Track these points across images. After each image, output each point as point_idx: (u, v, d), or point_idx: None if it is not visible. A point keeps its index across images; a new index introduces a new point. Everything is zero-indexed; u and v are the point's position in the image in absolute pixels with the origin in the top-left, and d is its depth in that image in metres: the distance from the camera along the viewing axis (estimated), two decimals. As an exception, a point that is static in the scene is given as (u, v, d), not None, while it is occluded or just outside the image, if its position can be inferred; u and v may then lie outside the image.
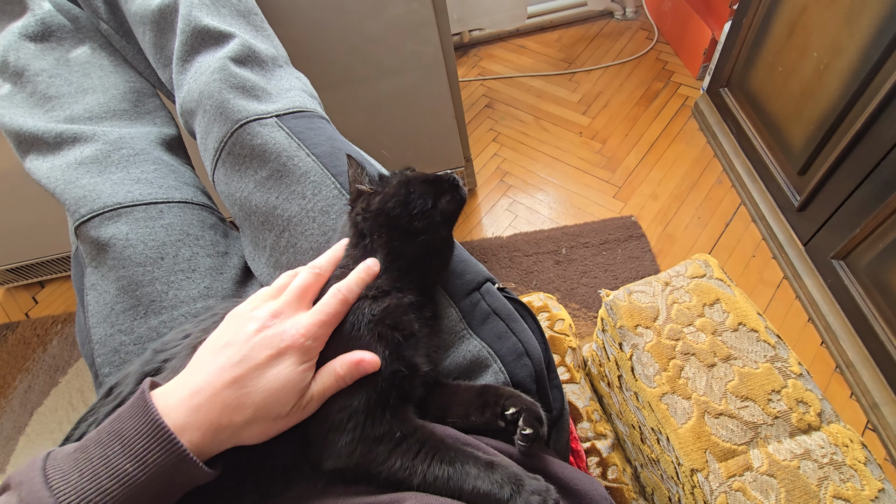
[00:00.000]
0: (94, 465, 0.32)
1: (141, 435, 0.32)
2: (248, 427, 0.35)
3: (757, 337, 0.48)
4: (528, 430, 0.42)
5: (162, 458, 0.32)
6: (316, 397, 0.38)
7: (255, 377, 0.36)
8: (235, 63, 0.63)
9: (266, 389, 0.35)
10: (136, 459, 0.32)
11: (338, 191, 0.57)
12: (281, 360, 0.37)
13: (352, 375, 0.39)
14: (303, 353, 0.38)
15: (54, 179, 0.61)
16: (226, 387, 0.35)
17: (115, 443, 0.32)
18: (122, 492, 0.31)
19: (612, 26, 1.88)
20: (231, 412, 0.34)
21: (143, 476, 0.31)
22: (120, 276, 0.58)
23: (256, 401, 0.35)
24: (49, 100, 0.68)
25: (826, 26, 0.98)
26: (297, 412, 0.37)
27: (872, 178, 0.93)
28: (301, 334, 0.38)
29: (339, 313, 0.41)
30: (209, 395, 0.34)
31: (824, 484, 0.40)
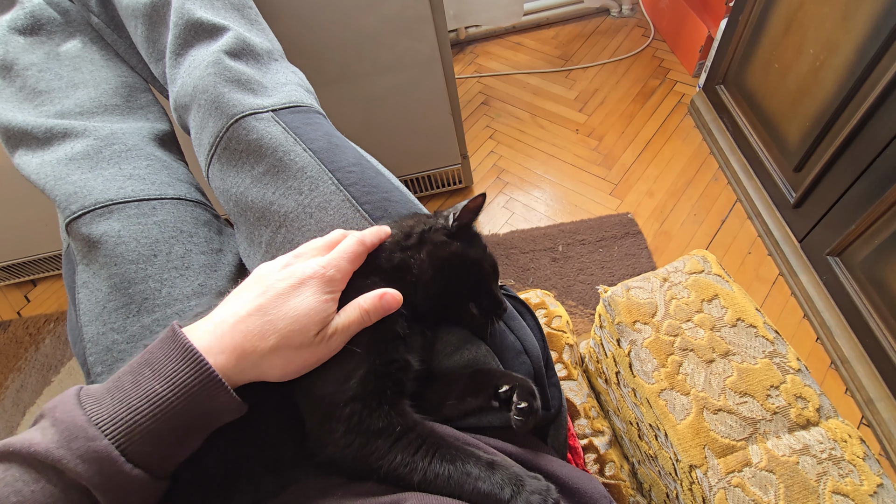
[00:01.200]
0: (125, 389, 0.32)
1: (170, 358, 0.33)
2: (271, 355, 0.36)
3: (755, 332, 0.48)
4: (522, 404, 0.43)
5: (191, 378, 0.32)
6: (340, 330, 0.38)
7: (277, 305, 0.36)
8: (230, 56, 0.62)
9: (289, 316, 0.36)
10: (167, 380, 0.32)
11: (335, 186, 0.56)
12: (303, 289, 0.37)
13: (376, 309, 0.40)
14: (324, 283, 0.39)
15: (44, 175, 0.60)
16: (249, 314, 0.36)
17: (146, 369, 0.33)
18: (152, 411, 0.31)
19: (608, 23, 1.88)
20: (255, 338, 0.35)
21: (172, 396, 0.32)
22: (112, 274, 0.57)
23: (279, 328, 0.36)
24: (39, 94, 0.66)
25: (822, 23, 0.98)
26: (322, 344, 0.37)
27: (868, 174, 0.93)
28: (322, 266, 0.39)
29: (358, 253, 0.42)
30: (233, 322, 0.35)
31: (823, 479, 0.40)
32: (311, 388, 0.39)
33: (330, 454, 0.39)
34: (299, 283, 0.38)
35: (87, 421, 0.31)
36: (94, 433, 0.30)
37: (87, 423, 0.30)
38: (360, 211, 0.55)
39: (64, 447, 0.30)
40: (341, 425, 0.38)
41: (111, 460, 0.30)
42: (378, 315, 0.40)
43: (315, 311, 0.37)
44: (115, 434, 0.31)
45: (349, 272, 0.41)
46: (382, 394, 0.39)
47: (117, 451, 0.30)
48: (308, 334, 0.37)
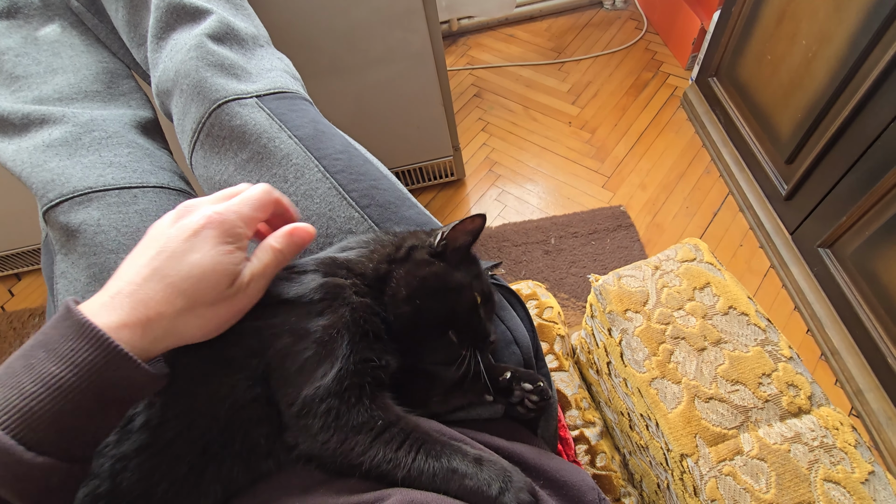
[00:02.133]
0: (16, 374, 0.29)
1: (65, 337, 0.30)
2: (183, 318, 0.33)
3: (747, 320, 0.48)
4: (528, 385, 0.41)
5: (90, 355, 0.30)
6: (256, 275, 0.36)
7: (174, 264, 0.33)
8: (213, 40, 0.61)
9: (191, 275, 0.33)
10: (64, 360, 0.29)
11: (321, 174, 0.55)
12: (199, 242, 0.34)
13: (289, 246, 0.37)
14: (222, 232, 0.35)
15: (20, 162, 0.58)
16: (146, 280, 0.33)
17: (39, 351, 0.30)
18: (49, 394, 0.29)
19: (601, 16, 1.87)
20: (158, 304, 0.32)
21: (72, 377, 0.29)
22: (91, 264, 0.55)
23: (184, 288, 0.33)
24: (16, 80, 0.64)
25: (815, 14, 0.97)
26: (240, 294, 0.35)
27: (859, 166, 0.93)
28: (218, 212, 0.35)
29: (264, 202, 0.38)
30: (129, 292, 0.32)
31: (815, 467, 0.39)
32: (287, 379, 0.38)
33: (308, 450, 0.37)
34: (192, 234, 0.34)
35: None
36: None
37: None
38: (347, 199, 0.54)
39: None
40: (318, 421, 0.37)
41: (6, 451, 0.28)
42: (293, 252, 0.38)
43: (218, 263, 0.34)
44: (7, 423, 0.28)
45: (253, 220, 0.37)
46: (361, 388, 0.38)
47: (13, 440, 0.28)
48: (218, 288, 0.34)
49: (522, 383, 0.43)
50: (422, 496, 0.36)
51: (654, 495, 0.61)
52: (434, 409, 0.46)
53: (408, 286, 0.41)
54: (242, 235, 0.36)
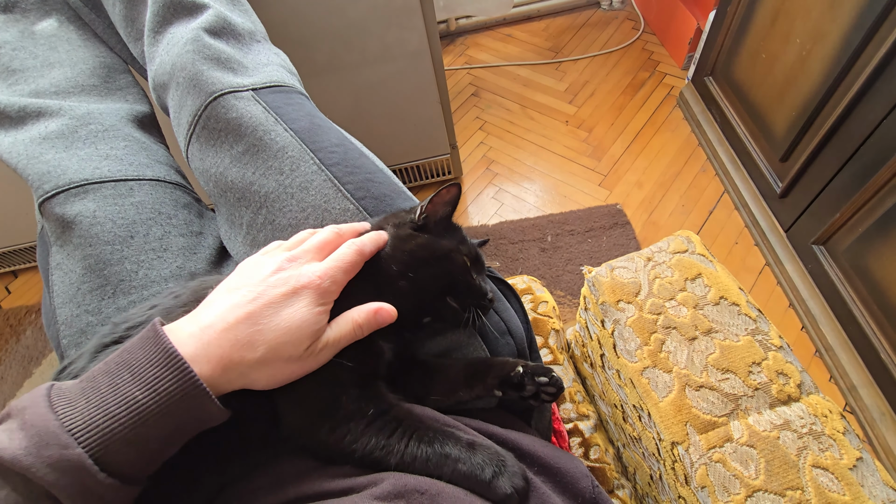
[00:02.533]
0: (101, 393, 0.30)
1: (152, 363, 0.31)
2: (259, 367, 0.34)
3: (738, 311, 0.48)
4: (544, 378, 0.42)
5: (174, 387, 0.31)
6: (331, 344, 0.37)
7: (268, 314, 0.34)
8: (209, 34, 0.61)
9: (280, 328, 0.34)
10: (147, 387, 0.30)
11: (316, 167, 0.55)
12: (296, 300, 0.36)
13: (369, 324, 0.38)
14: (319, 295, 0.37)
15: (16, 154, 0.59)
16: (238, 322, 0.34)
17: (125, 371, 0.31)
18: (131, 419, 0.29)
19: (598, 16, 1.88)
20: (242, 348, 0.33)
21: (153, 405, 0.30)
22: (86, 255, 0.56)
23: (269, 339, 0.34)
24: (12, 73, 0.65)
25: (809, 12, 0.98)
26: (311, 357, 0.36)
27: (852, 163, 0.94)
28: (318, 276, 0.37)
29: (355, 263, 0.40)
30: (220, 329, 0.33)
31: (803, 454, 0.40)
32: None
33: (301, 439, 0.38)
34: (293, 292, 0.36)
35: (59, 427, 0.29)
36: (67, 441, 0.28)
37: (60, 430, 0.29)
38: (343, 191, 0.54)
39: (33, 454, 0.28)
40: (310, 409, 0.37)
41: (84, 469, 0.28)
42: (370, 329, 0.39)
43: (308, 323, 0.35)
44: (89, 442, 0.29)
45: (343, 283, 0.39)
46: (354, 377, 0.38)
47: (91, 459, 0.28)
48: (299, 348, 0.35)
49: (537, 377, 0.43)
50: (415, 480, 0.36)
51: (647, 487, 0.61)
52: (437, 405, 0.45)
53: (398, 261, 0.42)
54: (333, 298, 0.38)
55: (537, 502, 0.40)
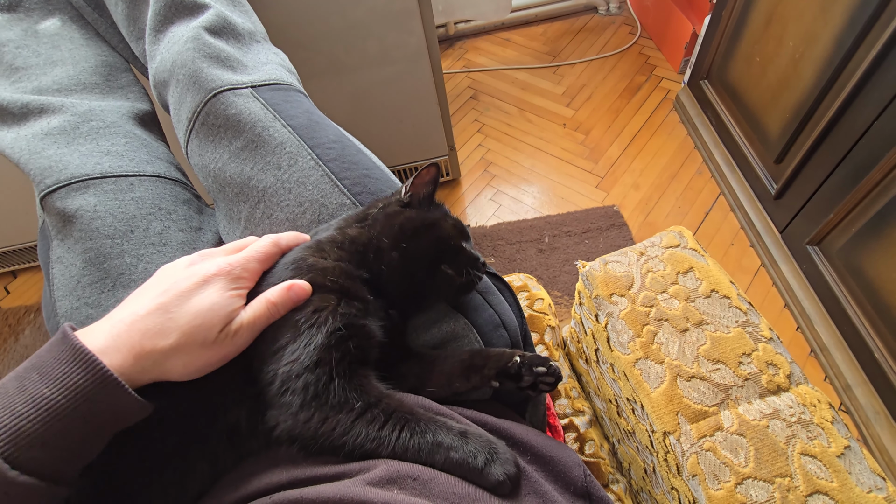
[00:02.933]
0: (9, 394, 0.30)
1: (59, 360, 0.31)
2: (173, 354, 0.34)
3: (729, 303, 0.49)
4: (542, 368, 0.42)
5: (82, 380, 0.30)
6: (246, 324, 0.37)
7: (179, 303, 0.35)
8: (210, 33, 0.62)
9: (190, 313, 0.35)
10: (55, 383, 0.30)
11: (314, 162, 0.56)
12: (207, 287, 0.36)
13: (284, 302, 0.38)
14: (230, 280, 0.37)
15: (18, 149, 0.60)
16: (149, 313, 0.34)
17: (33, 373, 0.31)
18: (39, 416, 0.29)
19: (595, 21, 1.90)
20: (154, 336, 0.33)
21: (63, 399, 0.30)
22: (87, 249, 0.56)
23: (181, 324, 0.34)
24: (15, 71, 0.66)
25: (801, 15, 0.99)
26: (227, 340, 0.36)
27: (845, 163, 0.95)
28: (228, 263, 0.38)
29: (270, 254, 0.41)
30: (130, 322, 0.34)
31: (792, 442, 0.40)
32: (268, 357, 0.38)
33: (289, 429, 0.37)
34: (203, 280, 0.36)
35: None
36: None
37: None
38: (340, 186, 0.55)
39: None
40: (297, 398, 0.37)
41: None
42: (287, 307, 0.39)
43: (218, 305, 0.36)
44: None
45: (258, 272, 0.40)
46: (340, 363, 0.38)
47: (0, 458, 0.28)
48: (212, 331, 0.35)
49: (535, 367, 0.43)
50: (407, 466, 0.37)
51: (641, 481, 0.62)
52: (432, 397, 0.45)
53: (389, 235, 0.44)
54: (247, 285, 0.39)
55: (529, 490, 0.40)
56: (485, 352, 0.47)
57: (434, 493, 0.36)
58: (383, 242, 0.43)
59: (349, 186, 0.55)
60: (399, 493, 0.35)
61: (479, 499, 0.36)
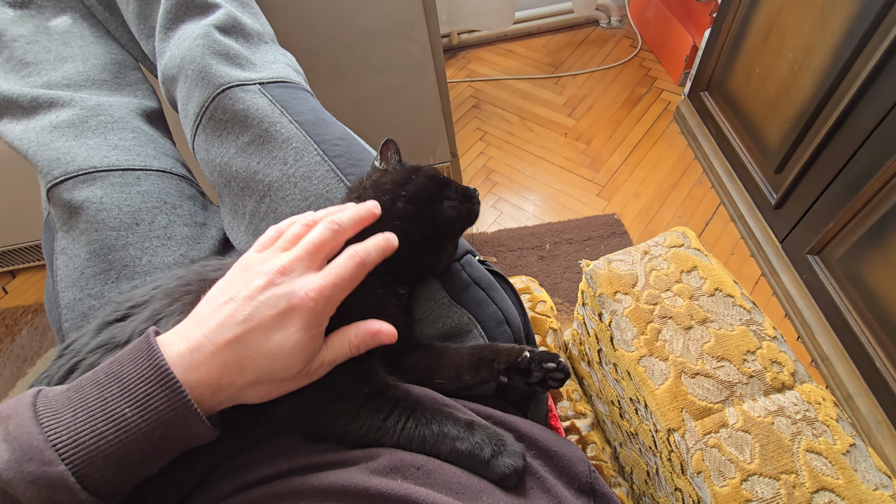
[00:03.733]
0: (89, 406, 0.29)
1: (143, 379, 0.30)
2: (250, 388, 0.33)
3: (733, 302, 0.49)
4: (552, 364, 0.42)
5: (164, 406, 0.30)
6: (326, 364, 0.36)
7: (258, 339, 0.33)
8: (220, 31, 0.63)
9: (269, 354, 0.33)
10: (137, 404, 0.29)
11: (320, 157, 0.56)
12: (287, 323, 0.33)
13: (366, 345, 0.37)
14: (312, 318, 0.34)
15: (27, 141, 0.60)
16: (227, 346, 0.32)
17: (114, 385, 0.30)
18: (118, 437, 0.29)
19: (597, 34, 1.92)
20: (232, 373, 0.32)
21: (142, 423, 0.29)
22: (92, 240, 0.56)
23: (259, 364, 0.33)
24: (26, 65, 0.66)
25: (800, 27, 1.01)
26: (305, 377, 0.35)
27: (845, 172, 0.96)
28: (311, 297, 0.34)
29: (355, 279, 0.37)
30: (209, 353, 0.32)
31: (797, 439, 0.40)
32: None
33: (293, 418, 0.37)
34: (283, 314, 0.33)
35: (44, 441, 0.28)
36: (51, 457, 0.27)
37: (45, 445, 0.28)
38: (345, 182, 0.55)
39: (14, 469, 0.27)
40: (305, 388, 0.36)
41: (66, 487, 0.27)
42: (366, 349, 0.38)
43: (299, 348, 0.33)
44: (73, 459, 0.28)
45: (340, 301, 0.36)
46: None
47: (74, 478, 0.28)
48: (290, 371, 0.34)
49: (545, 364, 0.43)
50: (411, 456, 0.36)
51: (643, 485, 0.61)
52: (440, 389, 0.45)
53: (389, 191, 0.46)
54: (326, 319, 0.36)
55: (535, 485, 0.40)
56: (494, 346, 0.47)
57: (438, 482, 0.35)
58: (385, 199, 0.45)
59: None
60: (403, 482, 0.35)
61: (484, 490, 0.36)
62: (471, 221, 0.49)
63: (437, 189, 0.48)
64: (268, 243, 0.39)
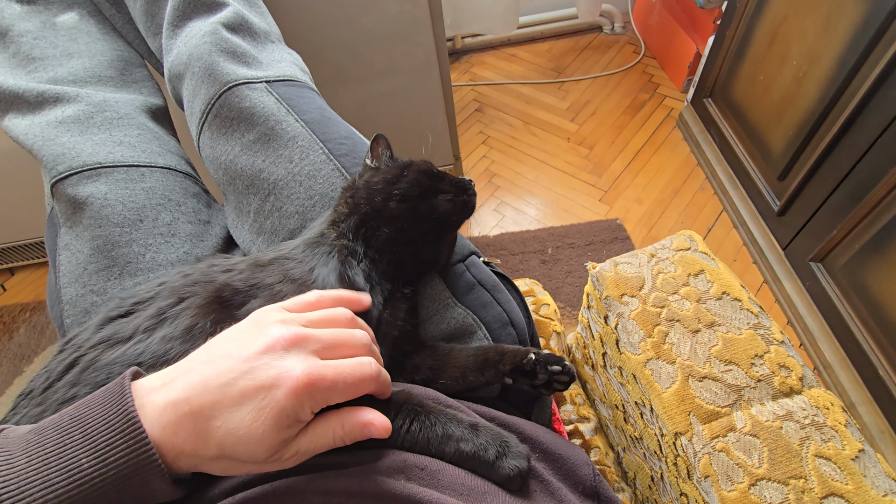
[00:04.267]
0: (46, 454, 0.27)
1: (108, 426, 0.28)
2: (213, 462, 0.30)
3: (740, 306, 0.49)
4: (557, 367, 0.42)
5: (124, 459, 0.27)
6: (302, 453, 0.31)
7: (229, 410, 0.29)
8: (227, 29, 0.63)
9: (235, 433, 0.29)
10: (96, 455, 0.27)
11: (326, 156, 0.56)
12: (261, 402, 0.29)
13: (352, 438, 0.32)
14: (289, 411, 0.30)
15: (32, 136, 0.60)
16: (202, 408, 0.29)
17: (76, 429, 0.28)
18: (68, 491, 0.26)
19: (600, 40, 1.93)
20: (196, 441, 0.29)
21: (98, 477, 0.27)
22: (95, 236, 0.56)
23: (219, 440, 0.29)
24: (32, 61, 0.66)
25: (805, 35, 1.01)
26: (275, 463, 0.31)
27: (848, 180, 0.96)
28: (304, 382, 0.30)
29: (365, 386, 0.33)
30: (184, 413, 0.29)
31: (806, 443, 0.40)
32: None
33: None
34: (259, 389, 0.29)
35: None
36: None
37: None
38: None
39: None
40: None
41: None
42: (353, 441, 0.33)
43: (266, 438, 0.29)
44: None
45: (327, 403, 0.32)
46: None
47: None
48: (256, 457, 0.30)
49: (550, 366, 0.43)
50: (415, 457, 0.36)
51: (647, 491, 0.61)
52: (444, 389, 0.45)
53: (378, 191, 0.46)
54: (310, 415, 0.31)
55: (539, 487, 0.40)
56: (500, 347, 0.47)
57: (442, 483, 0.35)
58: (377, 201, 0.45)
59: (360, 181, 0.55)
60: (407, 484, 0.34)
61: (489, 492, 0.36)
62: (468, 213, 0.49)
63: (430, 183, 0.48)
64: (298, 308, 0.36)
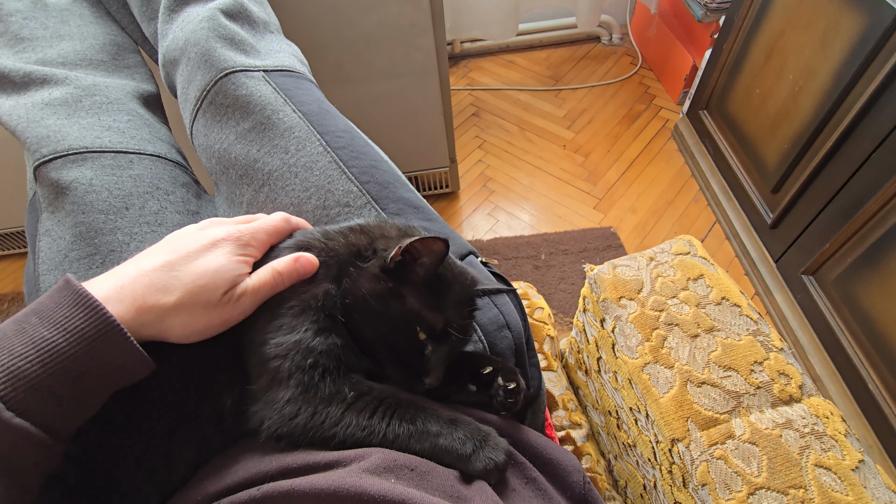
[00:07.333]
0: (7, 337, 0.29)
1: (60, 305, 0.30)
2: (175, 312, 0.33)
3: (739, 312, 0.48)
4: (511, 385, 0.40)
5: (84, 324, 0.29)
6: (250, 291, 0.36)
7: (185, 261, 0.35)
8: (226, 16, 0.62)
9: (195, 272, 0.34)
10: (55, 326, 0.29)
11: (322, 148, 0.55)
12: (214, 249, 0.36)
13: (290, 273, 0.38)
14: (238, 247, 0.37)
15: (16, 117, 0.58)
16: (155, 269, 0.34)
17: (32, 317, 0.30)
18: (39, 357, 0.28)
19: (598, 50, 1.94)
20: (158, 292, 0.33)
21: (63, 342, 0.29)
22: (78, 222, 0.54)
23: (185, 282, 0.33)
24: (21, 41, 0.64)
25: (801, 50, 1.03)
26: (230, 304, 0.35)
27: (842, 194, 0.97)
28: (238, 230, 0.38)
29: (280, 229, 0.41)
30: (135, 276, 0.33)
31: (806, 453, 0.39)
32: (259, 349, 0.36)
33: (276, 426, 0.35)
34: (211, 244, 0.36)
35: None
36: None
37: None
38: (347, 173, 0.54)
39: None
40: (286, 392, 0.35)
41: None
42: (292, 279, 0.38)
43: (224, 268, 0.35)
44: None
45: (266, 243, 0.40)
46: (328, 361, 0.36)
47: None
48: (216, 292, 0.35)
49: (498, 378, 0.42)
50: (404, 457, 0.35)
51: (639, 500, 0.59)
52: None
53: (352, 296, 0.38)
54: (254, 254, 0.39)
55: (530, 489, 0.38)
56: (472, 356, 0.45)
57: (431, 485, 0.34)
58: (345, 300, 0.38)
59: (357, 175, 0.54)
60: (396, 483, 0.33)
61: (478, 494, 0.34)
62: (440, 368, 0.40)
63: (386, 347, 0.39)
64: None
